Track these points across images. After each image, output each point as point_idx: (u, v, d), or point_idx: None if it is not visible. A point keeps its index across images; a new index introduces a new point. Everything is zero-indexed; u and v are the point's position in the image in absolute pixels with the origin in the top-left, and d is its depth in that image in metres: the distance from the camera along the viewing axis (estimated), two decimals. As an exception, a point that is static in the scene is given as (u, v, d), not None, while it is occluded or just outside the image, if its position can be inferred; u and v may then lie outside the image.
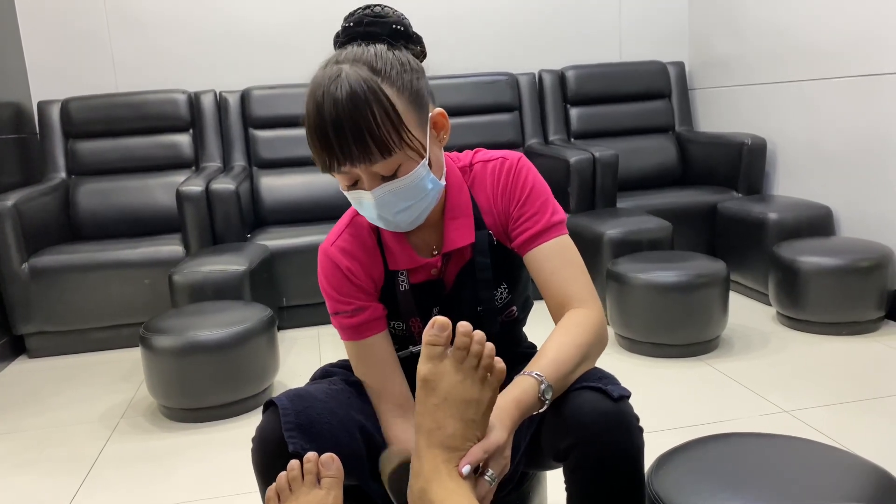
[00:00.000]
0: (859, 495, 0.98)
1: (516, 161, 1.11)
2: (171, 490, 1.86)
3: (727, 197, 3.34)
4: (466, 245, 1.10)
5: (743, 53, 3.57)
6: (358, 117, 0.91)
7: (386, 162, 0.95)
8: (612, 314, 2.62)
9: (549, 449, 0.98)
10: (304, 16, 3.66)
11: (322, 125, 0.93)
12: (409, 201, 1.00)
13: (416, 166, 0.98)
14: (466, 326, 0.87)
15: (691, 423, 2.00)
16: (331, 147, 0.93)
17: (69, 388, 2.63)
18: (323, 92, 0.93)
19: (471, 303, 1.13)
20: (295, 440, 0.95)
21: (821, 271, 2.56)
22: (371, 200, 0.98)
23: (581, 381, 0.98)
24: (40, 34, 3.46)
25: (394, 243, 1.11)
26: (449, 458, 0.86)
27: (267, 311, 2.37)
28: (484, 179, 1.12)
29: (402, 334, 1.17)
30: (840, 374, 2.28)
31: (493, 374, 0.88)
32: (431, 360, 0.87)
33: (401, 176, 0.97)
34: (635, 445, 0.95)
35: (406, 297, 1.12)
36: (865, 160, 2.85)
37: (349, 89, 0.92)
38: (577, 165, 3.16)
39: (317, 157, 0.97)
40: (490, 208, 1.12)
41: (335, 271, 1.13)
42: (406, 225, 1.04)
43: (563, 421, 0.95)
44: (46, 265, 2.88)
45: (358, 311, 1.10)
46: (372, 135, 0.92)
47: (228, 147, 3.50)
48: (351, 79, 0.93)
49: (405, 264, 1.11)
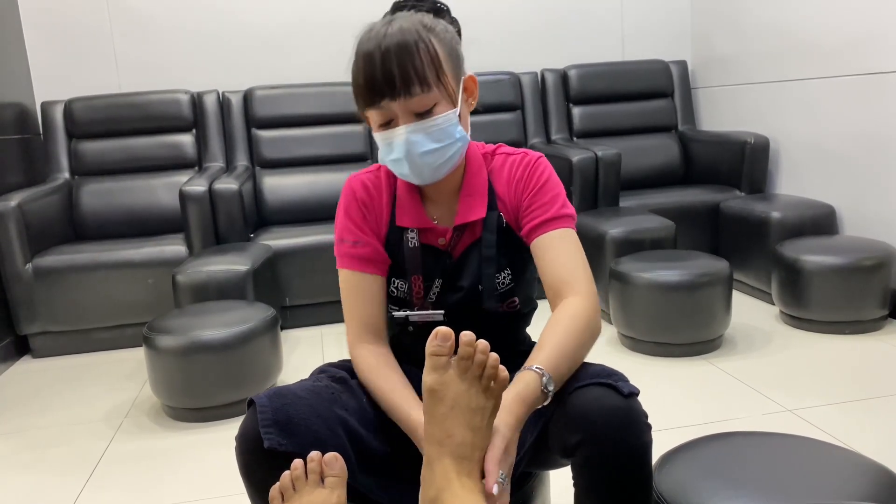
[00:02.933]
0: (863, 494, 0.98)
1: (536, 157, 1.18)
2: (175, 489, 1.87)
3: (730, 196, 3.34)
4: (477, 220, 1.15)
5: (746, 52, 3.57)
6: (404, 51, 1.02)
7: (423, 97, 1.03)
8: (615, 313, 2.62)
9: (557, 445, 0.98)
10: (306, 16, 3.66)
11: (370, 57, 1.02)
12: (436, 143, 1.06)
13: (448, 110, 1.06)
14: (469, 336, 0.88)
15: (694, 423, 2.00)
16: (374, 77, 1.02)
17: (73, 387, 2.64)
18: (375, 32, 1.04)
19: (472, 278, 1.16)
20: (271, 436, 0.95)
21: (824, 270, 2.56)
22: (403, 137, 1.05)
23: (590, 378, 0.98)
24: (44, 35, 3.47)
25: (407, 200, 1.16)
26: (459, 468, 0.86)
27: (270, 310, 2.37)
28: (503, 169, 1.18)
29: (402, 296, 1.19)
30: (843, 373, 2.28)
31: (497, 383, 0.89)
32: (436, 371, 0.88)
33: (434, 115, 1.05)
34: (644, 442, 0.95)
35: (413, 253, 1.16)
36: (868, 159, 2.84)
37: (400, 28, 1.03)
38: (579, 164, 3.16)
39: (359, 93, 1.05)
40: (505, 196, 1.17)
41: (352, 199, 1.18)
42: (429, 172, 1.09)
43: (572, 417, 0.95)
44: (50, 265, 2.89)
45: (359, 243, 1.16)
46: (415, 67, 1.02)
47: (231, 147, 3.50)
48: (403, 22, 1.05)
49: (412, 222, 1.16)
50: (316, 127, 3.55)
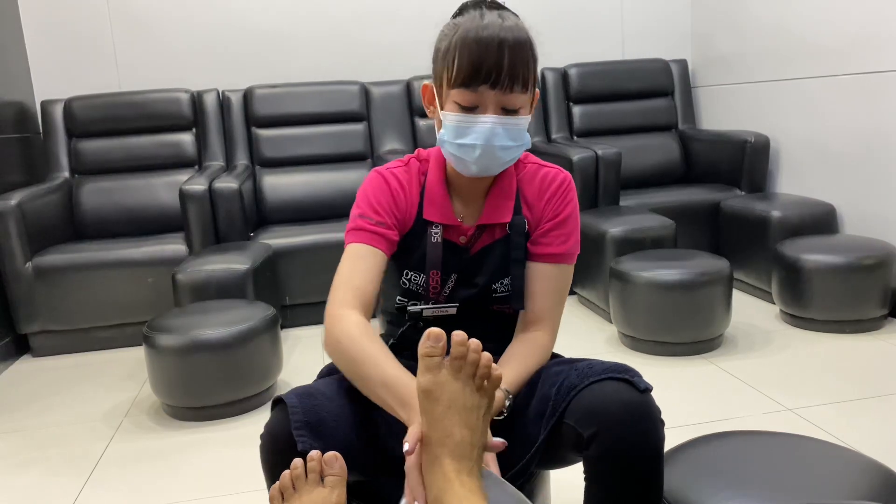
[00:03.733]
0: (863, 493, 0.98)
1: (569, 179, 1.22)
2: (175, 488, 1.86)
3: (730, 195, 3.34)
4: (501, 223, 1.18)
5: (746, 51, 3.56)
6: (521, 48, 1.05)
7: (520, 95, 1.07)
8: (615, 313, 2.62)
9: (572, 438, 0.98)
10: (306, 15, 3.66)
11: (484, 42, 1.03)
12: (513, 141, 1.10)
13: (528, 115, 1.11)
14: (461, 335, 0.88)
15: (695, 422, 2.00)
16: (485, 62, 1.03)
17: (73, 387, 2.64)
18: (488, 21, 1.05)
19: (487, 276, 1.18)
20: (304, 439, 0.95)
21: (824, 269, 2.56)
22: (489, 126, 1.07)
23: (605, 372, 0.99)
24: (43, 34, 3.46)
25: (437, 195, 1.18)
26: (459, 467, 0.86)
27: (270, 309, 2.37)
28: (534, 179, 1.21)
29: (415, 289, 1.19)
30: (843, 372, 2.27)
31: (490, 381, 0.90)
32: (430, 371, 0.88)
33: (519, 115, 1.08)
34: (659, 437, 0.96)
35: (435, 248, 1.17)
36: (869, 157, 2.84)
37: (515, 26, 1.07)
38: (579, 163, 3.16)
39: (461, 69, 1.05)
40: (533, 205, 1.20)
41: (383, 185, 1.19)
42: (496, 165, 1.12)
43: (588, 410, 0.96)
44: (50, 264, 2.89)
45: (381, 224, 1.15)
46: (525, 67, 1.06)
47: (231, 146, 3.50)
48: (512, 23, 1.07)
49: (439, 217, 1.17)
50: (316, 126, 3.54)
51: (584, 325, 2.93)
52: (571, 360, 1.12)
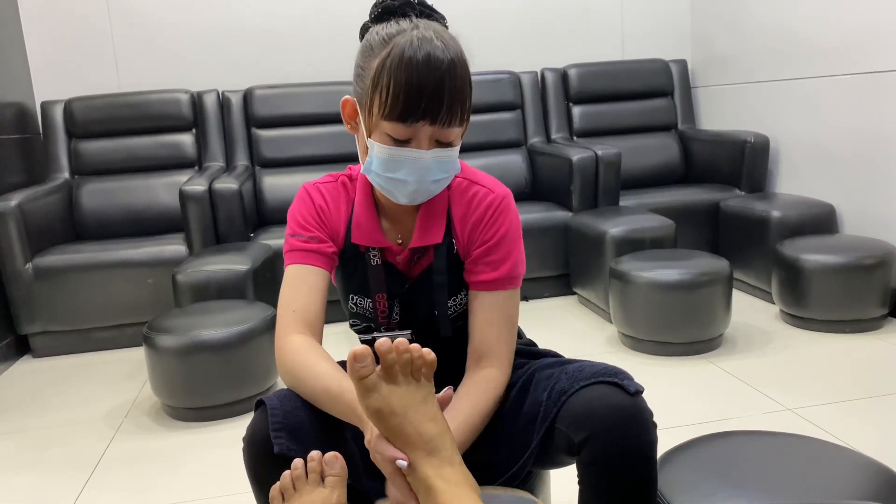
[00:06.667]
0: (863, 493, 0.98)
1: (500, 199, 1.12)
2: (176, 489, 1.87)
3: (730, 195, 3.34)
4: (431, 245, 1.12)
5: (745, 51, 3.56)
6: (458, 84, 0.97)
7: (457, 129, 1.01)
8: (615, 313, 2.62)
9: (563, 443, 0.98)
10: (306, 15, 3.66)
11: (420, 80, 0.95)
12: (443, 174, 1.05)
13: (460, 142, 1.05)
14: (385, 343, 0.86)
15: (694, 422, 2.00)
16: (420, 100, 0.96)
17: (73, 387, 2.64)
18: (425, 46, 0.96)
19: (427, 304, 1.14)
20: (281, 441, 0.95)
21: (824, 269, 2.56)
22: (423, 161, 1.01)
23: (595, 376, 0.98)
24: (43, 34, 3.46)
25: (363, 218, 1.13)
26: (439, 462, 0.87)
27: (270, 310, 2.37)
28: (463, 198, 1.14)
29: (366, 314, 1.17)
30: (843, 372, 2.28)
31: (426, 366, 0.89)
32: (370, 391, 0.86)
33: (453, 147, 1.03)
34: (650, 440, 0.95)
35: (377, 272, 1.14)
36: (868, 157, 2.84)
37: (452, 56, 0.97)
38: (579, 164, 3.16)
39: (395, 105, 0.97)
40: (459, 228, 1.14)
41: (308, 202, 1.16)
42: (422, 197, 1.07)
43: (578, 415, 0.95)
44: (50, 265, 2.89)
45: (313, 239, 1.13)
46: (462, 104, 0.99)
47: (231, 147, 3.50)
48: (451, 48, 0.98)
49: (368, 241, 1.13)
50: (316, 126, 3.54)
51: (584, 325, 2.93)
52: (563, 361, 1.11)
